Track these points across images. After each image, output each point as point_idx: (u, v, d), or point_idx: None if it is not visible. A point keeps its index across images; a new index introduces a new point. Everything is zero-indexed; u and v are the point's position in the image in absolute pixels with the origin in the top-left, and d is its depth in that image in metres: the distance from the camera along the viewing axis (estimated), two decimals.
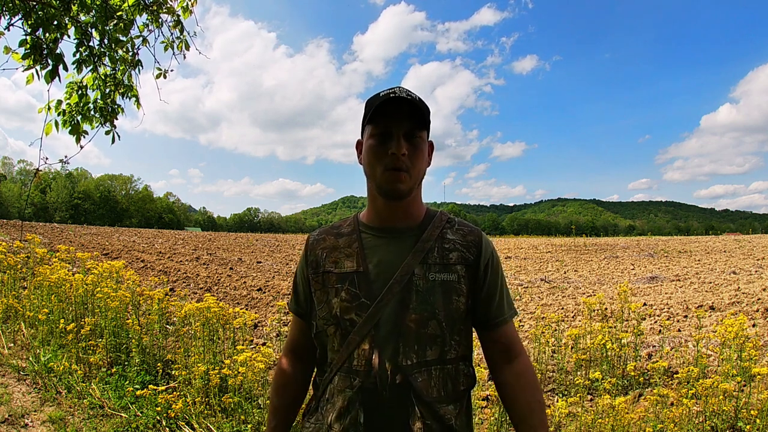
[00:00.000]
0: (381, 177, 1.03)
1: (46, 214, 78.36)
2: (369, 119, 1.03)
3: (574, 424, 2.81)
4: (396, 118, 1.02)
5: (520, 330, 5.74)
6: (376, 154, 1.03)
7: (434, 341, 1.01)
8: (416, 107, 1.01)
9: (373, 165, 1.04)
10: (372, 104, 1.04)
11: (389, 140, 1.02)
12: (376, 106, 1.01)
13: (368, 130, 1.06)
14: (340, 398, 1.01)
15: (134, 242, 19.70)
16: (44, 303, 4.27)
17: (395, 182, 1.02)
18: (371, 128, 1.05)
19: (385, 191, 1.04)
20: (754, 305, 6.76)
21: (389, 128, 1.02)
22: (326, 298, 1.06)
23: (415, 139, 1.03)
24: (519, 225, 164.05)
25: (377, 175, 1.04)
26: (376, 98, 1.05)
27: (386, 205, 1.08)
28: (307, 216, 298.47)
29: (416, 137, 1.04)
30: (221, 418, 2.94)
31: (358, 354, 1.00)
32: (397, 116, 1.02)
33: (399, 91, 1.03)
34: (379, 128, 1.03)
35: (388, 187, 1.03)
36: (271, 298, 7.98)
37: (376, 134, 1.04)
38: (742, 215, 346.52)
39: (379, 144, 1.03)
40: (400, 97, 1.01)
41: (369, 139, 1.05)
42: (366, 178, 1.10)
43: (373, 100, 1.05)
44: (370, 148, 1.05)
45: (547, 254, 19.71)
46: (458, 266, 1.05)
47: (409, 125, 1.02)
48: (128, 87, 2.98)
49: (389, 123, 1.02)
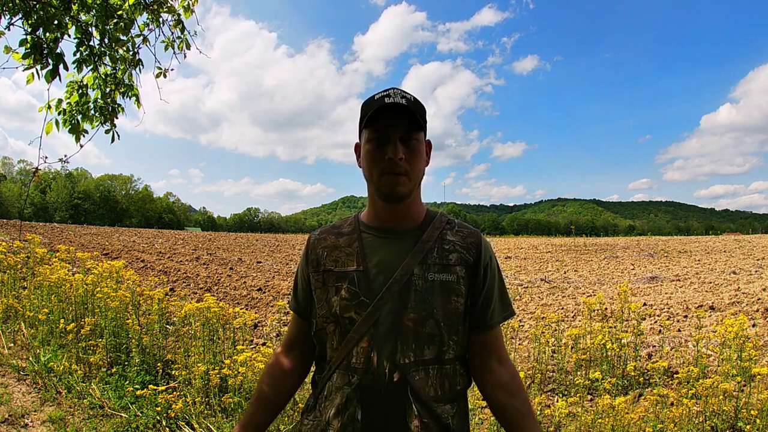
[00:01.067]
0: (379, 181, 1.04)
1: (46, 214, 78.36)
2: (365, 124, 1.04)
3: (574, 424, 2.81)
4: (392, 122, 1.02)
5: (520, 330, 5.74)
6: (374, 158, 1.04)
7: (432, 341, 1.02)
8: (411, 110, 1.01)
9: (372, 169, 1.05)
10: (368, 108, 1.04)
11: (386, 144, 1.02)
12: (371, 111, 1.02)
13: (365, 134, 1.06)
14: (339, 395, 1.02)
15: (134, 242, 19.70)
16: (44, 303, 4.27)
17: (394, 186, 1.03)
18: (368, 133, 1.05)
19: (384, 195, 1.05)
20: (754, 305, 6.76)
21: (385, 132, 1.03)
22: (326, 297, 1.07)
23: (412, 142, 1.04)
24: (519, 225, 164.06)
25: (376, 179, 1.05)
26: (371, 102, 1.05)
27: (386, 207, 1.09)
28: (307, 216, 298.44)
29: (413, 140, 1.04)
30: (221, 418, 2.94)
31: (357, 352, 1.01)
32: (392, 120, 1.02)
33: (394, 94, 1.03)
34: (375, 133, 1.04)
35: (387, 190, 1.04)
36: (271, 298, 7.98)
37: (372, 139, 1.04)
38: (742, 215, 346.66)
39: (376, 149, 1.04)
40: (395, 101, 1.01)
41: (366, 144, 1.06)
42: (366, 181, 1.11)
43: (368, 104, 1.05)
44: (368, 153, 1.05)
45: (547, 254, 19.71)
46: (458, 267, 1.06)
47: (405, 128, 1.03)
48: (129, 86, 2.97)
49: (385, 127, 1.02)
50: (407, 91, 1.06)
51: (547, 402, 3.24)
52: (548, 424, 3.06)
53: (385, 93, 1.04)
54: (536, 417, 1.09)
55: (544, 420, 3.11)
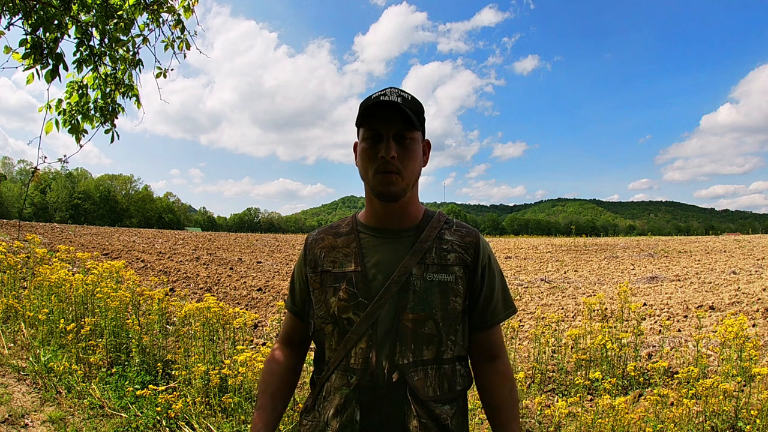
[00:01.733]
0: (373, 180, 1.04)
1: (46, 214, 78.35)
2: (360, 122, 1.05)
3: (574, 424, 2.81)
4: (385, 121, 1.02)
5: (520, 330, 5.74)
6: (368, 157, 1.04)
7: (431, 341, 1.02)
8: (405, 109, 1.01)
9: (366, 168, 1.05)
10: (363, 107, 1.05)
11: (379, 143, 1.03)
12: (365, 109, 1.02)
13: (360, 133, 1.07)
14: (337, 396, 1.02)
15: (134, 242, 19.70)
16: (44, 303, 4.27)
17: (387, 184, 1.03)
18: (363, 131, 1.06)
19: (378, 193, 1.05)
20: (754, 305, 6.76)
21: (379, 131, 1.03)
22: (324, 297, 1.07)
23: (406, 141, 1.04)
24: (519, 225, 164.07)
25: (370, 178, 1.05)
26: (368, 100, 1.05)
27: (382, 206, 1.09)
28: (307, 216, 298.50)
29: (407, 139, 1.04)
30: (221, 418, 2.94)
31: (356, 352, 1.02)
32: (386, 118, 1.02)
33: (390, 93, 1.03)
34: (369, 131, 1.04)
35: (381, 189, 1.04)
36: (271, 298, 7.98)
37: (367, 137, 1.05)
38: (742, 215, 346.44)
39: (370, 147, 1.04)
40: (390, 100, 1.01)
41: (361, 142, 1.07)
42: (362, 180, 1.11)
43: (365, 103, 1.06)
44: (363, 151, 1.06)
45: (547, 254, 19.71)
46: (456, 267, 1.06)
47: (398, 127, 1.03)
48: (129, 86, 2.98)
49: (379, 125, 1.03)
50: (405, 90, 1.06)
51: (547, 402, 3.24)
52: (548, 424, 3.06)
53: (381, 92, 1.05)
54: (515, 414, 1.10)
55: (544, 420, 3.11)
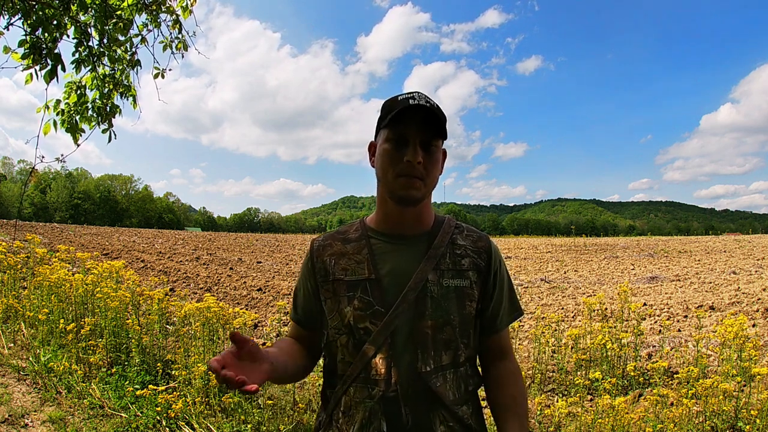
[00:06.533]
0: (394, 182, 1.01)
1: (46, 214, 78.38)
2: (386, 123, 1.01)
3: (574, 424, 2.81)
4: (414, 125, 0.99)
5: (520, 330, 5.73)
6: (391, 159, 1.01)
7: (448, 346, 1.01)
8: (435, 116, 0.99)
9: (386, 170, 1.02)
10: (391, 108, 1.01)
11: (405, 147, 1.00)
12: (395, 111, 0.99)
13: (384, 133, 1.03)
14: (360, 409, 0.99)
15: (134, 242, 19.71)
16: (44, 303, 4.26)
17: (409, 189, 1.00)
18: (387, 132, 1.02)
19: (398, 197, 1.02)
20: (754, 305, 6.76)
21: (406, 135, 1.00)
22: (338, 307, 1.03)
23: (432, 148, 1.01)
24: (519, 225, 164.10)
25: (390, 180, 1.02)
26: (395, 102, 1.02)
27: (397, 210, 1.05)
28: (307, 216, 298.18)
29: (432, 146, 1.01)
30: (221, 418, 2.94)
31: (376, 363, 0.99)
32: (415, 123, 0.99)
33: (418, 97, 1.00)
34: (395, 133, 1.01)
35: (402, 193, 1.01)
36: (271, 298, 7.98)
37: (392, 139, 1.01)
38: (742, 215, 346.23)
39: (394, 149, 1.00)
40: (420, 104, 0.98)
41: (384, 143, 1.02)
42: (377, 181, 1.08)
43: (391, 104, 1.02)
44: (385, 153, 1.02)
45: (547, 254, 19.72)
46: (470, 272, 1.05)
47: (427, 134, 1.00)
48: (126, 87, 2.98)
49: (407, 129, 0.99)
50: (431, 98, 1.02)
51: (547, 402, 3.24)
52: (548, 424, 3.06)
53: (409, 95, 1.01)
54: (523, 413, 1.05)
55: (544, 420, 3.11)
